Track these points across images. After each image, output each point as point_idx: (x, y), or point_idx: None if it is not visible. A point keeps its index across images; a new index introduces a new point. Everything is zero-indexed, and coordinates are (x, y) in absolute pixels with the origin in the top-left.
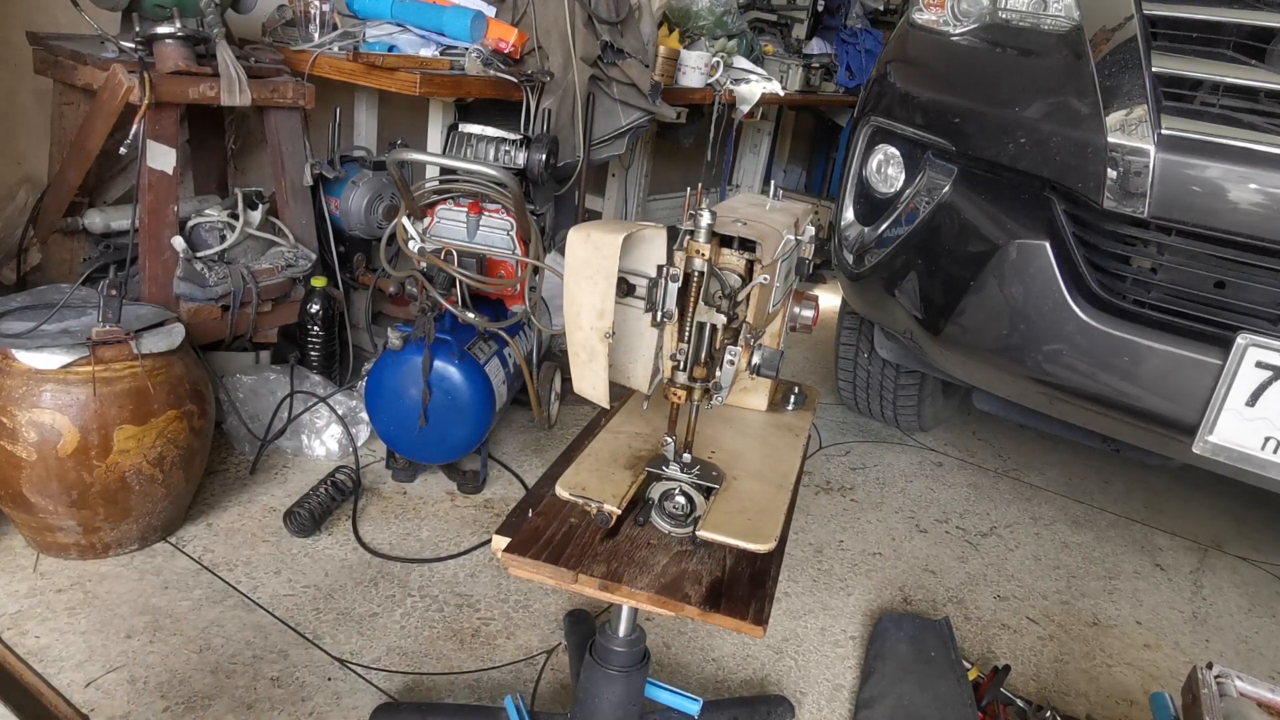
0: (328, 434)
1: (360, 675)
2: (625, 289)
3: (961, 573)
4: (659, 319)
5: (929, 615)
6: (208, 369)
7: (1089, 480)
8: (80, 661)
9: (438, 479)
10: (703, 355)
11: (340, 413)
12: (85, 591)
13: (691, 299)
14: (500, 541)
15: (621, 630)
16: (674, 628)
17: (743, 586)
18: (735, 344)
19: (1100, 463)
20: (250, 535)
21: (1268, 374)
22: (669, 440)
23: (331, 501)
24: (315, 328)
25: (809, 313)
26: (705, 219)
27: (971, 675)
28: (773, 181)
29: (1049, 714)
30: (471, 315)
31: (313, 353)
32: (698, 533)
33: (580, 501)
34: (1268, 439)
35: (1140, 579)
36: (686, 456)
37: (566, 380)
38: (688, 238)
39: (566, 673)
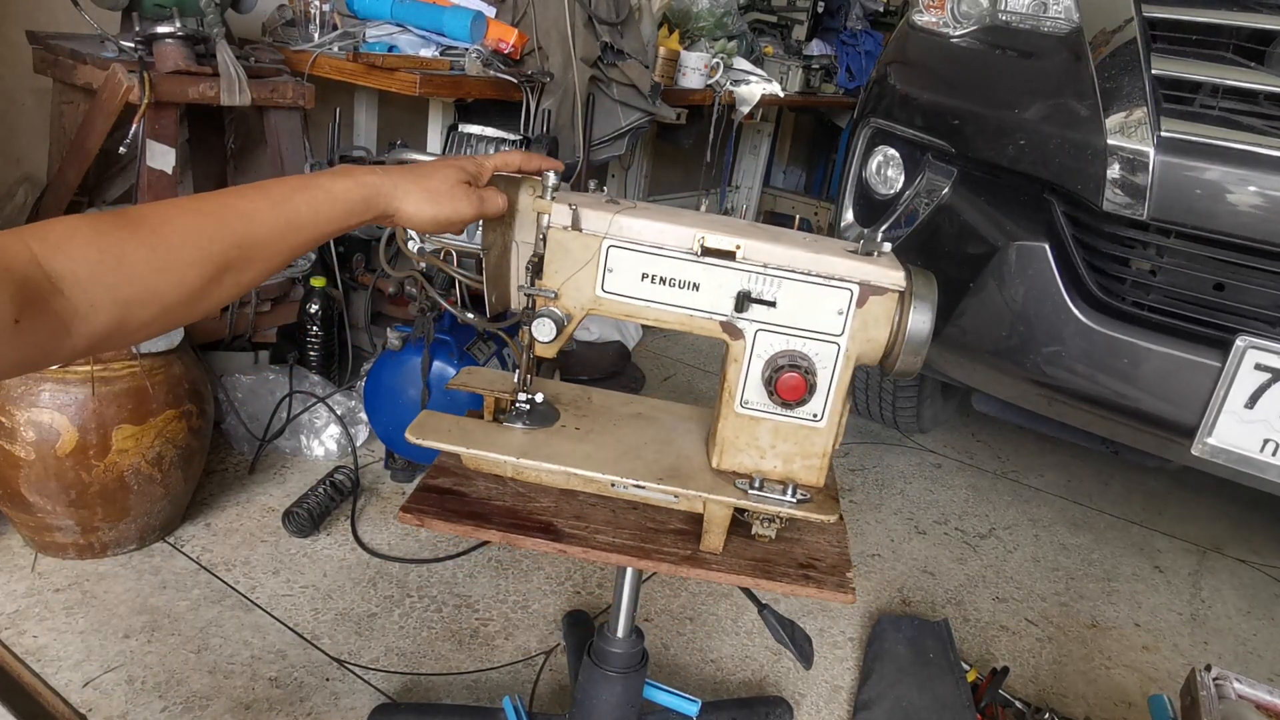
0: (326, 434)
1: (358, 676)
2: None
3: (960, 574)
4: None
5: (928, 617)
6: (206, 368)
7: (1088, 482)
8: (78, 661)
9: None
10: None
11: (339, 413)
12: (83, 591)
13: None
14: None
15: (620, 631)
16: (673, 629)
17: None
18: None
19: (1099, 465)
20: (249, 535)
21: (1266, 376)
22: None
23: (330, 501)
24: (314, 327)
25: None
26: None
27: (970, 677)
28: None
29: (1047, 716)
30: (471, 315)
31: (312, 353)
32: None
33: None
34: (1266, 441)
35: (1139, 581)
36: (524, 396)
37: (567, 380)
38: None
39: (565, 674)
